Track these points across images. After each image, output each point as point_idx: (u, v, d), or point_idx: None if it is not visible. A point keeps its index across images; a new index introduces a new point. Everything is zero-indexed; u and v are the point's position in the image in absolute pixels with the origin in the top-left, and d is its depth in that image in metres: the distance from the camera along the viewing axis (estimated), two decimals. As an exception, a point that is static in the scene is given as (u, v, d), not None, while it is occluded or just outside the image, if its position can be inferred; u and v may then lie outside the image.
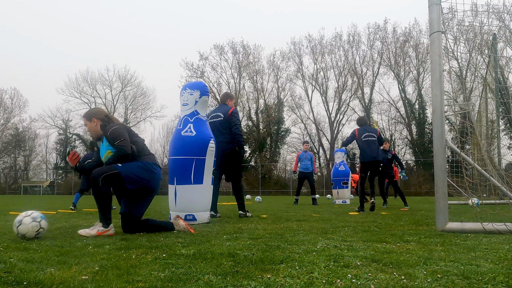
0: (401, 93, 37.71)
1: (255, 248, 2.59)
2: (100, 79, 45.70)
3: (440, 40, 3.85)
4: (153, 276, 1.78)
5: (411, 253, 2.42)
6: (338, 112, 39.50)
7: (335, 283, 1.68)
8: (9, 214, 6.34)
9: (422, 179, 31.08)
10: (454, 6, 3.84)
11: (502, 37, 10.80)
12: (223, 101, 5.88)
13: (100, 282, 1.67)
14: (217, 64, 41.24)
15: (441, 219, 3.70)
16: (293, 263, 2.09)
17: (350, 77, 39.32)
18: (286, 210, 7.45)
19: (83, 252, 2.45)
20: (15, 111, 46.92)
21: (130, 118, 46.10)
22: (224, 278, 1.75)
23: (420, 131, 36.13)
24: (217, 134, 5.38)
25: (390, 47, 37.67)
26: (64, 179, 45.68)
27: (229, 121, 5.53)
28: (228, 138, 5.51)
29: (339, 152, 12.77)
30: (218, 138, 5.34)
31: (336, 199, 12.17)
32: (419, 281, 1.70)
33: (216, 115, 5.63)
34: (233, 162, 5.57)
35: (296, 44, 40.61)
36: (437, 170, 3.79)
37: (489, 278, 1.75)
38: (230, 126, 5.52)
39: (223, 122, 5.54)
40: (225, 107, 5.70)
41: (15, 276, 1.77)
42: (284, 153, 41.15)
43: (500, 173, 5.64)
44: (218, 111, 5.68)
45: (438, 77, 3.81)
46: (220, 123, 5.54)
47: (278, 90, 40.95)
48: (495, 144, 11.20)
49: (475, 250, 2.55)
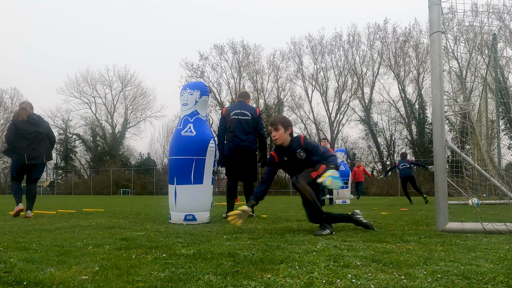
0: (401, 93, 37.70)
1: (255, 248, 2.59)
2: (100, 79, 45.71)
3: (440, 40, 3.85)
4: (153, 276, 1.78)
5: (411, 253, 2.42)
6: (338, 112, 39.49)
7: (335, 283, 1.68)
8: (9, 214, 6.34)
9: (422, 179, 31.04)
10: (454, 6, 3.84)
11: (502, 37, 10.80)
12: (243, 99, 5.75)
13: (100, 282, 1.67)
14: (217, 64, 41.23)
15: (441, 219, 3.70)
16: (293, 263, 2.09)
17: (350, 77, 39.31)
18: (286, 210, 7.45)
19: (83, 252, 2.45)
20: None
21: (130, 118, 46.14)
22: (224, 278, 1.75)
23: (420, 131, 36.12)
24: (240, 132, 5.36)
25: (390, 47, 37.65)
26: (64, 179, 45.67)
27: (257, 122, 5.50)
28: (252, 138, 5.47)
29: (339, 152, 12.76)
30: (242, 137, 5.35)
31: (336, 199, 12.17)
32: (419, 281, 1.69)
33: (242, 113, 5.47)
34: (253, 162, 5.57)
35: (296, 44, 40.59)
36: (437, 170, 3.79)
37: (489, 278, 1.75)
38: (257, 127, 5.49)
39: (250, 122, 5.47)
40: (250, 106, 5.62)
41: (15, 276, 1.77)
42: (284, 153, 41.14)
43: (500, 173, 5.64)
44: (245, 109, 5.51)
45: (438, 77, 3.81)
46: (247, 122, 5.45)
47: (278, 90, 40.96)
48: (495, 144, 11.20)
49: (475, 250, 2.55)
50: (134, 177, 38.58)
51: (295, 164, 3.76)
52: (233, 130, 5.41)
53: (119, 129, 45.80)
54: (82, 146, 46.86)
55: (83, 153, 46.72)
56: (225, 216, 5.37)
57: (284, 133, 3.72)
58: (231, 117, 5.45)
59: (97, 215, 6.15)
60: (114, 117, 46.29)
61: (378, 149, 38.75)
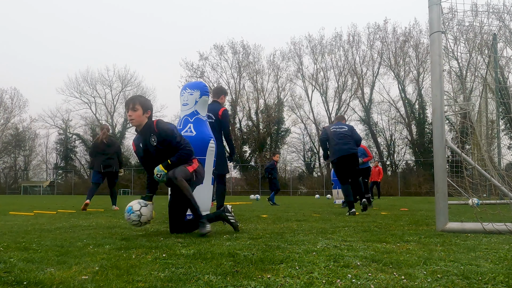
0: (401, 93, 37.73)
1: (255, 248, 2.59)
2: (100, 79, 45.78)
3: (440, 40, 3.85)
4: (153, 276, 1.78)
5: (411, 253, 2.42)
6: (338, 112, 39.46)
7: (335, 283, 1.68)
8: (9, 214, 6.34)
9: (422, 179, 31.09)
10: (454, 6, 3.85)
11: (502, 37, 10.80)
12: (216, 98, 5.63)
13: (100, 282, 1.67)
14: (217, 64, 41.31)
15: (441, 219, 3.70)
16: (293, 263, 2.09)
17: (350, 77, 39.38)
18: (286, 210, 7.46)
19: (83, 252, 2.45)
20: (15, 111, 46.99)
21: (130, 118, 46.05)
22: (224, 278, 1.75)
23: (420, 131, 36.14)
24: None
25: (390, 47, 37.70)
26: (64, 179, 45.71)
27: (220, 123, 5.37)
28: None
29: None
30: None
31: (336, 199, 12.17)
32: (419, 281, 1.69)
33: (209, 116, 5.27)
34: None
35: (296, 44, 40.69)
36: (437, 170, 3.78)
37: (489, 278, 1.75)
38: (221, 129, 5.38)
39: (215, 124, 5.30)
40: (217, 106, 5.46)
41: (15, 276, 1.77)
42: (284, 153, 41.18)
43: (500, 173, 5.64)
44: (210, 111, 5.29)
45: (438, 77, 3.81)
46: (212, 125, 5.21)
47: (278, 90, 41.01)
48: (495, 144, 11.20)
49: (475, 250, 2.55)
50: (134, 177, 38.59)
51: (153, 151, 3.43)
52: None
53: (119, 129, 45.82)
54: (82, 146, 46.87)
55: (83, 153, 46.75)
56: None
57: (142, 115, 3.38)
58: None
59: (97, 215, 6.15)
60: (114, 117, 46.34)
61: (378, 149, 38.77)
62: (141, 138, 3.47)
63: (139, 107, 3.37)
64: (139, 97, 3.50)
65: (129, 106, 3.38)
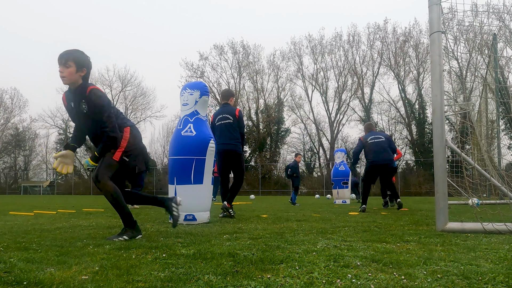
0: (401, 93, 37.69)
1: (255, 248, 2.59)
2: (100, 79, 45.65)
3: (440, 40, 3.85)
4: (153, 276, 1.78)
5: (411, 253, 2.42)
6: (338, 112, 39.49)
7: (335, 283, 1.68)
8: (9, 214, 6.34)
9: (422, 179, 31.06)
10: (454, 6, 3.85)
11: (502, 37, 10.81)
12: (226, 100, 5.81)
13: (100, 282, 1.67)
14: (217, 64, 41.24)
15: (441, 219, 3.70)
16: (293, 263, 2.09)
17: (350, 77, 39.31)
18: (286, 210, 7.46)
19: (83, 252, 2.45)
20: (15, 111, 46.97)
21: (130, 118, 46.10)
22: (224, 278, 1.75)
23: (420, 131, 36.11)
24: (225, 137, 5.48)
25: (390, 47, 37.65)
26: (64, 179, 45.69)
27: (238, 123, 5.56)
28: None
29: (339, 152, 12.78)
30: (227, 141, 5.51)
31: (336, 199, 12.17)
32: (419, 281, 1.69)
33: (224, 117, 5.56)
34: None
35: (296, 44, 40.60)
36: (437, 170, 3.79)
37: (489, 278, 1.75)
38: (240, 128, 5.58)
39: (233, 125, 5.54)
40: (231, 108, 5.67)
41: (15, 276, 1.77)
42: (284, 153, 41.17)
43: (500, 173, 5.64)
44: (226, 112, 5.59)
45: (438, 77, 3.81)
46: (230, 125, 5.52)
47: (278, 90, 40.95)
48: (495, 144, 11.20)
49: (475, 250, 2.55)
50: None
51: (82, 117, 3.11)
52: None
53: (119, 129, 45.75)
54: (82, 146, 46.86)
55: (83, 153, 46.74)
56: (221, 216, 5.50)
57: (76, 72, 3.00)
58: (216, 124, 5.58)
59: (97, 215, 6.15)
60: (114, 117, 46.25)
61: (378, 149, 38.71)
62: (71, 97, 3.10)
63: (72, 63, 2.98)
64: (74, 51, 3.04)
65: (61, 62, 2.98)
